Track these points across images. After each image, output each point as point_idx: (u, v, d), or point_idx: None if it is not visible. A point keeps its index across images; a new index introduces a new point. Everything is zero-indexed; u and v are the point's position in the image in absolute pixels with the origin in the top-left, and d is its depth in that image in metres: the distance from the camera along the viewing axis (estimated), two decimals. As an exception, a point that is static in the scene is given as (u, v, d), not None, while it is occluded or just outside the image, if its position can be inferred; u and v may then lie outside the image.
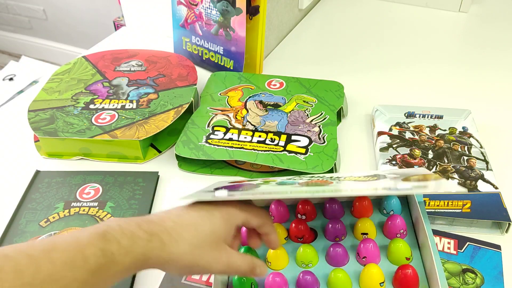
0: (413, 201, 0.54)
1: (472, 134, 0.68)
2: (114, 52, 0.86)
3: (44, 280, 0.31)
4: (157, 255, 0.36)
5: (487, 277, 0.51)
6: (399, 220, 0.52)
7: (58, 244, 0.33)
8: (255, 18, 0.80)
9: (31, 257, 0.31)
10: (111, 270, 0.34)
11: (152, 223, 0.37)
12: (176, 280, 0.52)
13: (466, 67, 0.90)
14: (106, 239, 0.34)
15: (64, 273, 0.31)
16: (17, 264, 0.30)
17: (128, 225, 0.36)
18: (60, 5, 2.15)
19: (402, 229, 0.52)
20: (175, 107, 0.71)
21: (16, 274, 0.30)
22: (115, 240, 0.34)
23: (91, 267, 0.32)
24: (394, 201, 0.55)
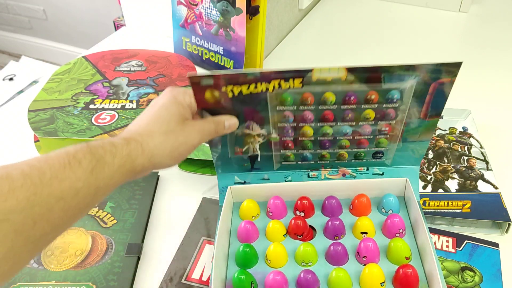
0: (412, 201, 0.54)
1: (472, 134, 0.68)
2: (114, 52, 0.86)
3: (51, 179, 0.33)
4: (140, 153, 0.40)
5: (485, 275, 0.51)
6: (398, 220, 0.52)
7: (49, 156, 0.35)
8: (255, 18, 0.80)
9: (31, 166, 0.33)
10: (106, 171, 0.37)
11: (123, 133, 0.42)
12: (176, 280, 0.52)
13: (466, 67, 0.89)
14: (90, 147, 0.37)
15: (66, 174, 0.34)
16: (22, 170, 0.33)
17: (104, 140, 0.40)
18: (60, 5, 2.15)
19: (401, 228, 0.52)
20: (175, 107, 0.71)
21: (24, 177, 0.32)
22: (99, 146, 0.38)
23: (87, 167, 0.36)
24: (393, 200, 0.55)
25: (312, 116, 0.51)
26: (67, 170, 0.34)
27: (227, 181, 0.57)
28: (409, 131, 0.52)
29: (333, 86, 0.48)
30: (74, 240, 0.56)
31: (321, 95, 0.49)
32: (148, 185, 0.64)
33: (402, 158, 0.56)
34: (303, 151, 0.55)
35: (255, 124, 0.51)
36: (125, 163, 0.39)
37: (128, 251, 0.55)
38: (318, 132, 0.52)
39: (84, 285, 0.52)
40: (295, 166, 0.57)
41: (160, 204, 0.63)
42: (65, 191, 0.34)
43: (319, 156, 0.56)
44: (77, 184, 0.35)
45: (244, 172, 0.57)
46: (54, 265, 0.53)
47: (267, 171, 0.57)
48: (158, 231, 0.59)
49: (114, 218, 0.59)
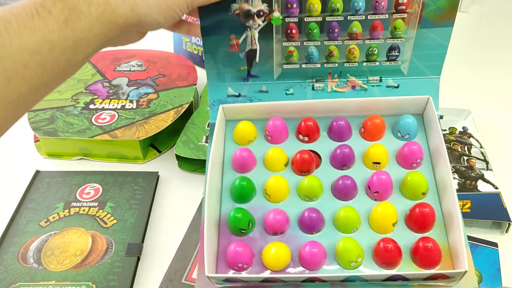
0: (434, 126, 0.47)
1: (472, 134, 0.68)
2: (114, 52, 0.86)
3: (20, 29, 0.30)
4: (120, 2, 0.36)
5: (485, 275, 0.51)
6: (417, 148, 0.46)
7: (13, 6, 0.32)
8: (255, 18, 0.80)
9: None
10: (82, 21, 0.34)
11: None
12: (177, 280, 0.52)
13: (466, 67, 0.90)
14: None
15: (36, 24, 0.31)
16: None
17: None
18: (60, 5, 2.15)
19: (419, 158, 0.46)
20: (175, 107, 0.71)
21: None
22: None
23: (60, 17, 0.32)
24: (411, 122, 0.48)
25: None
26: (36, 20, 0.31)
27: (219, 93, 0.50)
28: (430, 8, 0.45)
29: None
30: (74, 240, 0.56)
31: None
32: (148, 185, 0.64)
33: (419, 62, 0.48)
34: (308, 44, 0.47)
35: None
36: (104, 12, 0.35)
37: (128, 251, 0.55)
38: (326, 8, 0.45)
39: (84, 285, 0.52)
40: (298, 73, 0.49)
41: (160, 204, 0.63)
42: (39, 43, 0.31)
43: (326, 55, 0.48)
44: (51, 36, 0.32)
45: (240, 81, 0.49)
46: (54, 265, 0.53)
47: (266, 80, 0.49)
48: (158, 231, 0.59)
49: (114, 218, 0.59)
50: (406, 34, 0.47)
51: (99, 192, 0.63)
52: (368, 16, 0.45)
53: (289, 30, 0.46)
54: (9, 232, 0.57)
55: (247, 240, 0.44)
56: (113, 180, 0.64)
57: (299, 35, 0.47)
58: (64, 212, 0.60)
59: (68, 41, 0.33)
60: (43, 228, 0.58)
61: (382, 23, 0.46)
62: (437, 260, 0.42)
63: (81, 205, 0.61)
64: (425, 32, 0.46)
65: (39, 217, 0.59)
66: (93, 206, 0.61)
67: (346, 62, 0.48)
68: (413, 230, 0.44)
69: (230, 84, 0.50)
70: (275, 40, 0.47)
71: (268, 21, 0.46)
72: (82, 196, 0.62)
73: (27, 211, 0.60)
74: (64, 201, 0.61)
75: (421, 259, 0.42)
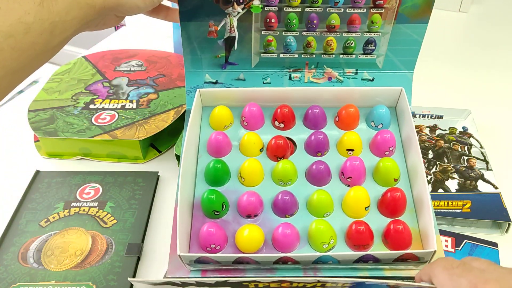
0: (406, 116, 0.49)
1: (472, 134, 0.68)
2: (114, 52, 0.86)
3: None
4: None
5: (486, 276, 0.51)
6: (389, 136, 0.47)
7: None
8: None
9: None
10: (59, 3, 0.33)
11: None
12: (176, 280, 0.52)
13: (466, 67, 0.90)
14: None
15: (10, 5, 0.30)
16: None
17: None
18: (60, 5, 2.15)
19: (392, 146, 0.47)
20: (175, 107, 0.71)
21: None
22: None
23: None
24: (384, 112, 0.49)
25: None
26: (10, 1, 0.30)
27: (196, 79, 0.50)
28: (406, 4, 0.46)
29: None
30: (74, 240, 0.56)
31: None
32: (148, 185, 0.64)
33: (394, 57, 0.50)
34: (286, 34, 0.47)
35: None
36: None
37: (128, 251, 0.55)
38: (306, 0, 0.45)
39: (84, 285, 0.52)
40: (276, 62, 0.49)
41: (160, 204, 0.63)
42: (13, 26, 0.30)
43: (304, 45, 0.49)
44: (26, 18, 0.30)
45: (217, 68, 0.49)
46: (54, 265, 0.53)
47: (243, 68, 0.50)
48: (158, 231, 0.59)
49: (114, 218, 0.59)
50: (382, 29, 0.47)
51: (99, 192, 0.63)
52: (346, 9, 0.46)
53: (268, 19, 0.46)
54: (9, 232, 0.57)
55: (220, 223, 0.44)
56: (113, 180, 0.64)
57: (278, 24, 0.47)
58: (64, 212, 0.60)
59: (44, 23, 0.32)
60: (43, 228, 0.58)
61: (360, 16, 0.46)
62: (407, 243, 0.42)
63: (81, 205, 0.61)
64: (401, 28, 0.47)
65: (39, 217, 0.59)
66: (93, 206, 0.61)
67: (323, 54, 0.49)
68: (385, 214, 0.44)
69: (208, 71, 0.50)
70: (254, 29, 0.47)
71: (247, 9, 0.46)
72: (82, 196, 0.62)
73: (27, 211, 0.60)
74: (64, 201, 0.61)
75: (392, 241, 0.42)
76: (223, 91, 0.49)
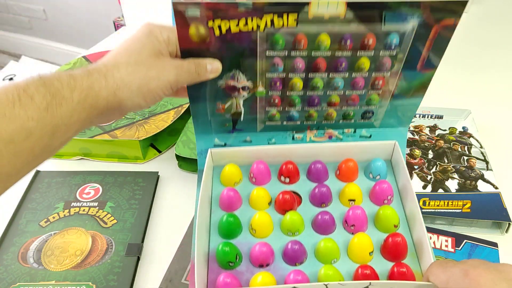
0: (400, 167, 0.52)
1: (472, 134, 0.68)
2: (114, 52, 0.86)
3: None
4: (103, 86, 0.35)
5: (486, 276, 0.51)
6: (387, 186, 0.50)
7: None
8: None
9: None
10: (64, 107, 0.32)
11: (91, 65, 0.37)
12: (176, 280, 0.52)
13: (466, 67, 0.90)
14: (43, 79, 0.33)
15: (16, 112, 0.30)
16: None
17: (61, 71, 0.35)
18: (60, 5, 2.15)
19: (390, 195, 0.51)
20: (175, 107, 0.71)
21: None
22: (55, 79, 0.33)
23: (41, 104, 0.31)
24: (381, 165, 0.53)
25: (303, 64, 0.47)
26: (17, 108, 0.30)
27: (206, 143, 0.53)
28: (402, 86, 0.50)
29: (329, 25, 0.44)
30: (74, 240, 0.56)
31: (315, 38, 0.45)
32: (148, 185, 0.64)
33: (391, 119, 0.53)
34: (289, 109, 0.51)
35: (240, 74, 0.47)
36: (87, 97, 0.34)
37: (128, 251, 0.55)
38: (308, 86, 0.49)
39: (84, 285, 0.52)
40: (280, 127, 0.53)
41: (160, 204, 0.63)
42: (15, 132, 0.29)
43: (306, 116, 0.52)
44: (29, 124, 0.30)
45: (225, 133, 0.53)
46: (54, 265, 0.53)
47: (249, 132, 0.53)
48: (158, 231, 0.59)
49: (114, 218, 0.59)
50: (380, 103, 0.51)
51: (99, 192, 0.63)
52: (346, 92, 0.50)
53: (272, 100, 0.50)
54: (9, 232, 0.57)
55: (235, 273, 0.46)
56: (113, 180, 0.64)
57: (281, 103, 0.51)
58: (64, 212, 0.60)
59: (46, 127, 0.31)
60: (43, 228, 0.58)
61: (359, 95, 0.50)
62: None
63: (81, 205, 0.61)
64: (397, 102, 0.52)
65: (39, 217, 0.59)
66: (93, 206, 0.61)
67: (324, 120, 0.53)
68: (388, 259, 0.47)
69: (217, 135, 0.53)
70: (259, 106, 0.51)
71: (252, 93, 0.49)
72: (82, 196, 0.62)
73: (27, 211, 0.60)
74: (64, 201, 0.61)
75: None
76: (233, 151, 0.53)
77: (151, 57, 0.39)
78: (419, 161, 0.64)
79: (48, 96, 0.32)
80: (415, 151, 0.65)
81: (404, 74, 0.49)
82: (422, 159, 0.64)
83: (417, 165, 0.63)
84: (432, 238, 0.55)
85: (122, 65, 0.37)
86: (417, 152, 0.65)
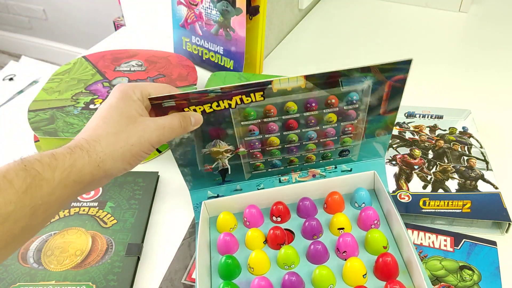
0: (382, 194, 0.56)
1: (472, 134, 0.68)
2: (114, 52, 0.86)
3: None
4: (87, 162, 0.36)
5: (484, 274, 0.51)
6: (372, 212, 0.54)
7: None
8: (255, 18, 0.80)
9: None
10: (45, 188, 0.33)
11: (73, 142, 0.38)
12: (177, 280, 0.52)
13: (466, 67, 0.90)
14: (24, 162, 0.33)
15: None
16: None
17: (43, 153, 0.36)
18: (60, 5, 2.15)
19: (376, 219, 0.54)
20: (175, 107, 0.71)
21: None
22: (36, 160, 0.34)
23: (20, 188, 0.31)
24: (364, 194, 0.56)
25: (276, 126, 0.52)
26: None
27: (200, 196, 0.58)
28: (371, 128, 0.54)
29: (293, 95, 0.49)
30: (74, 240, 0.56)
31: (283, 105, 0.50)
32: (148, 185, 0.64)
33: (367, 152, 0.58)
34: (271, 159, 0.56)
35: (221, 142, 0.53)
36: (69, 174, 0.35)
37: (128, 251, 0.55)
38: (284, 140, 0.54)
39: (84, 285, 0.52)
40: (266, 173, 0.58)
41: (160, 204, 0.63)
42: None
43: (288, 162, 0.57)
44: (7, 208, 0.30)
45: (216, 186, 0.58)
46: (54, 265, 0.53)
47: (238, 181, 0.58)
48: (158, 231, 0.59)
49: (114, 218, 0.59)
50: (353, 143, 0.57)
51: (99, 192, 0.63)
52: (320, 139, 0.55)
53: (254, 155, 0.55)
54: (9, 232, 0.57)
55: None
56: (113, 180, 0.64)
57: (263, 156, 0.56)
58: (64, 212, 0.60)
59: (25, 209, 0.31)
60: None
61: (333, 140, 0.56)
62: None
63: (81, 205, 0.61)
64: (369, 140, 0.57)
65: (39, 217, 0.59)
66: (93, 206, 0.61)
67: (305, 163, 0.58)
68: (381, 279, 0.49)
69: (209, 189, 0.58)
70: (243, 162, 0.56)
71: (235, 153, 0.55)
72: (82, 196, 0.62)
73: (27, 211, 0.60)
74: (64, 201, 0.61)
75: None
76: (225, 200, 0.57)
77: (130, 123, 0.39)
78: (419, 161, 0.64)
79: (28, 179, 0.32)
80: (415, 151, 0.65)
81: (370, 119, 0.53)
82: (422, 159, 0.64)
83: (417, 165, 0.63)
84: (431, 238, 0.55)
85: (102, 138, 0.38)
86: (417, 152, 0.65)
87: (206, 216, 0.57)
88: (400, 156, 0.65)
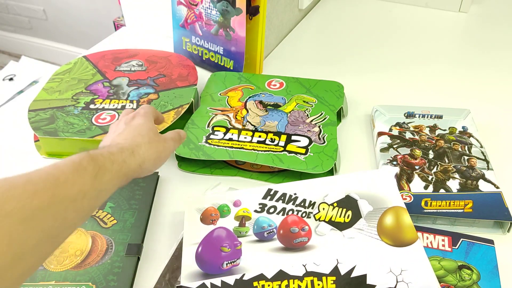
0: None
1: (472, 134, 0.68)
2: (114, 52, 0.86)
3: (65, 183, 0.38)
4: (133, 160, 0.47)
5: (483, 273, 0.51)
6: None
7: (58, 164, 0.39)
8: (255, 18, 0.80)
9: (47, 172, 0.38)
10: (106, 176, 0.42)
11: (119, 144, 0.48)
12: (173, 279, 0.52)
13: (466, 67, 0.90)
14: (91, 155, 0.42)
15: (76, 179, 0.39)
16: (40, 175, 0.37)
17: (101, 149, 0.45)
18: (60, 5, 2.15)
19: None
20: (175, 108, 0.71)
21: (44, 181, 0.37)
22: (99, 154, 0.43)
23: (92, 173, 0.40)
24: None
25: None
26: (75, 175, 0.39)
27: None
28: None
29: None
30: (74, 240, 0.56)
31: None
32: (148, 185, 0.64)
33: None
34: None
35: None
36: (121, 168, 0.44)
37: (128, 251, 0.55)
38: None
39: (84, 285, 0.51)
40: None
41: (160, 204, 0.63)
42: (76, 193, 0.38)
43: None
44: (84, 187, 0.39)
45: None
46: (54, 265, 0.53)
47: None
48: (158, 231, 0.59)
49: (114, 218, 0.59)
50: None
51: (99, 192, 0.63)
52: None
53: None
54: (9, 232, 0.57)
55: None
56: (113, 180, 0.64)
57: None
58: (64, 212, 0.60)
59: (95, 191, 0.41)
60: (43, 228, 0.58)
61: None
62: None
63: (81, 205, 0.61)
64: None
65: (39, 217, 0.59)
66: (93, 206, 0.60)
67: None
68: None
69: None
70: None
71: None
72: (82, 196, 0.62)
73: (27, 211, 0.60)
74: (64, 201, 0.61)
75: None
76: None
77: (156, 136, 0.52)
78: (420, 161, 0.64)
79: (96, 167, 0.41)
80: (415, 151, 0.65)
81: None
82: (423, 159, 0.64)
83: (418, 165, 0.63)
84: (429, 238, 0.55)
85: (142, 145, 0.49)
86: (417, 152, 0.65)
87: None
88: (400, 157, 0.65)
